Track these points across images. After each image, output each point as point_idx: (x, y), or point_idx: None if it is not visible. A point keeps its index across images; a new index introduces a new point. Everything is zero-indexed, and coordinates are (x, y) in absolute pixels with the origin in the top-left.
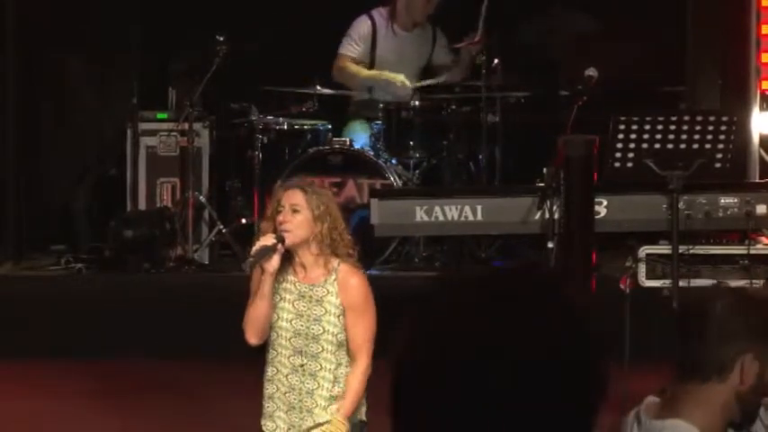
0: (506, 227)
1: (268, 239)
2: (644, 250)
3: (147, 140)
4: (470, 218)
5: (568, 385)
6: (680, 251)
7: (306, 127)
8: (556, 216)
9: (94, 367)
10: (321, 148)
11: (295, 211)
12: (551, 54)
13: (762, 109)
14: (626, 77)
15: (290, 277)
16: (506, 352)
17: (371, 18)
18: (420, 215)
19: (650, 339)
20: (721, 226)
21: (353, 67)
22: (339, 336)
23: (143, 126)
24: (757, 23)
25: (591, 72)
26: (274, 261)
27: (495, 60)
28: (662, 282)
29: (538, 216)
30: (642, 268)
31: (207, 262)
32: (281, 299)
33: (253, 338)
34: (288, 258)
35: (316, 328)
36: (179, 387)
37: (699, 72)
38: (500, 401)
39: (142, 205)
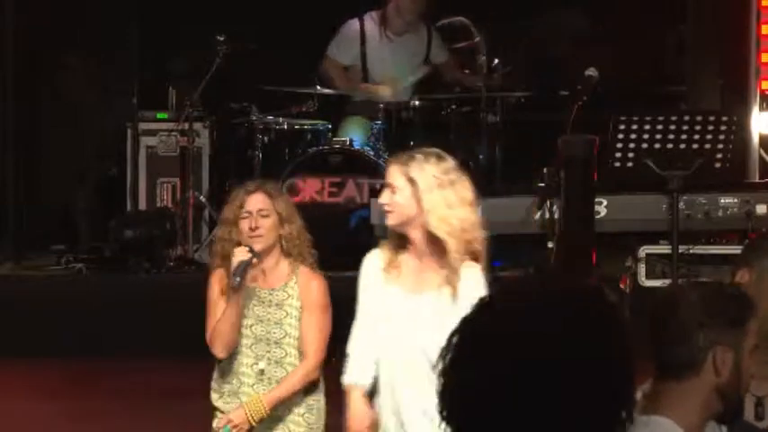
0: (506, 227)
1: (244, 254)
2: (644, 250)
3: (147, 140)
4: None
5: (606, 391)
6: (680, 251)
7: (306, 127)
8: (556, 216)
9: (95, 367)
10: (321, 148)
11: (263, 216)
12: (551, 54)
13: (762, 109)
14: (626, 77)
15: (250, 283)
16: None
17: (361, 21)
18: None
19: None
20: (721, 226)
21: (334, 72)
22: (299, 340)
23: (143, 126)
24: (757, 23)
25: (591, 72)
26: (248, 275)
27: (496, 60)
28: (662, 282)
29: (538, 216)
30: (642, 268)
31: (207, 262)
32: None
33: (222, 352)
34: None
35: (278, 332)
36: (179, 387)
37: (699, 72)
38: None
39: (142, 205)
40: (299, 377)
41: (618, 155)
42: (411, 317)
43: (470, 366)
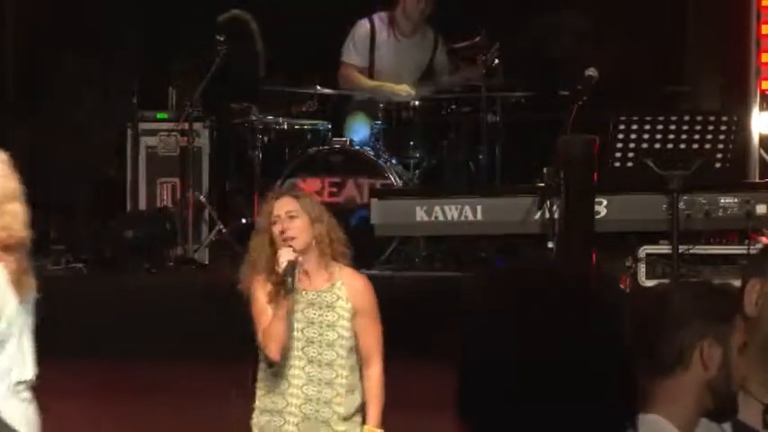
0: (506, 227)
1: (289, 254)
2: (644, 250)
3: (147, 140)
4: (470, 218)
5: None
6: (680, 251)
7: (306, 127)
8: (556, 216)
9: (94, 367)
10: (321, 148)
11: (292, 218)
12: (551, 54)
13: (762, 109)
14: (626, 77)
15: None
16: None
17: (371, 22)
18: (420, 215)
19: None
20: (721, 226)
21: (356, 77)
22: (350, 340)
23: (143, 126)
24: (757, 23)
25: (591, 72)
26: (298, 274)
27: (496, 60)
28: (662, 282)
29: (538, 216)
30: (642, 268)
31: (207, 262)
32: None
33: (278, 354)
34: None
35: (330, 334)
36: (179, 387)
37: (699, 72)
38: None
39: (142, 205)
40: (380, 386)
41: (618, 155)
42: None
43: (475, 362)
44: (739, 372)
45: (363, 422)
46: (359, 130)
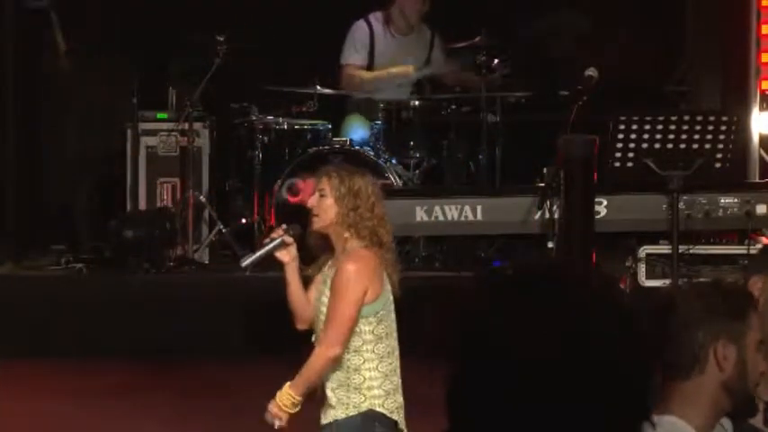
0: (506, 227)
1: (275, 234)
2: (644, 250)
3: (147, 140)
4: (470, 218)
5: (615, 384)
6: (680, 251)
7: (306, 127)
8: (556, 216)
9: (94, 367)
10: (321, 148)
11: (322, 197)
12: (551, 54)
13: (762, 109)
14: (626, 77)
15: (328, 263)
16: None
17: (368, 22)
18: (420, 215)
19: None
20: (721, 226)
21: (359, 74)
22: None
23: (143, 126)
24: (757, 23)
25: (591, 72)
26: (286, 254)
27: (496, 60)
28: (662, 282)
29: (538, 216)
30: (642, 268)
31: (207, 262)
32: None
33: (297, 325)
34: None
35: (319, 307)
36: (179, 387)
37: (699, 72)
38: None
39: (142, 205)
40: (317, 359)
41: (618, 155)
42: None
43: (477, 364)
44: (756, 369)
45: (361, 404)
46: (356, 132)
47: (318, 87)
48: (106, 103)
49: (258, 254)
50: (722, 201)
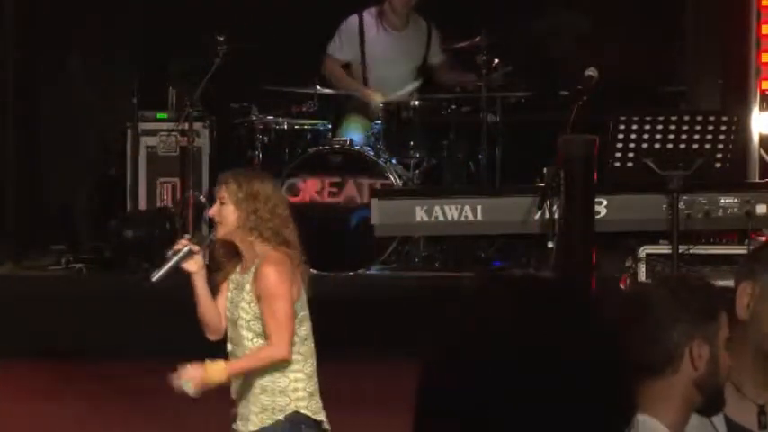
0: (506, 227)
1: (179, 245)
2: (644, 250)
3: (147, 140)
4: (470, 218)
5: (598, 391)
6: (680, 251)
7: (306, 127)
8: (556, 216)
9: (95, 367)
10: (321, 148)
11: (222, 204)
12: (551, 54)
13: (762, 109)
14: (626, 77)
15: (237, 269)
16: (539, 356)
17: (360, 17)
18: (420, 215)
19: None
20: (721, 226)
21: (336, 71)
22: (252, 323)
23: (143, 126)
24: (757, 23)
25: (591, 72)
26: (194, 263)
27: (496, 60)
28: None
29: (538, 216)
30: (642, 268)
31: (207, 262)
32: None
33: (208, 334)
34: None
35: (236, 313)
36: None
37: (699, 72)
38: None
39: (142, 205)
40: (262, 355)
41: (618, 155)
42: None
43: (477, 364)
44: (726, 366)
45: (286, 408)
46: (354, 135)
47: (318, 87)
48: (106, 103)
49: (166, 267)
50: (722, 201)
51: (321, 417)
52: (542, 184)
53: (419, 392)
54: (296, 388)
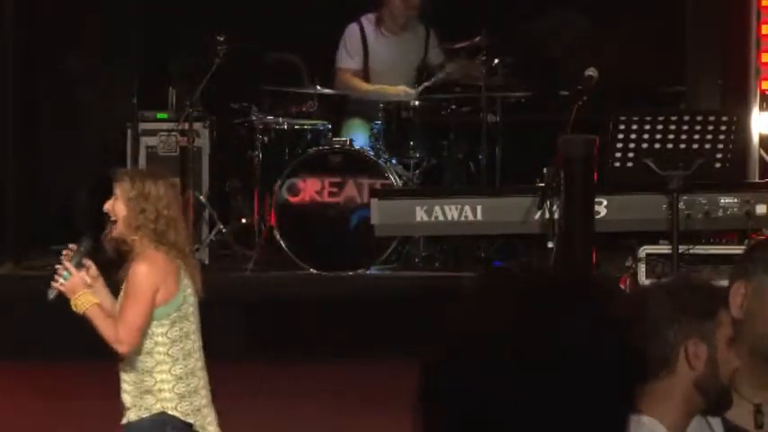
0: (506, 227)
1: (67, 261)
2: (644, 250)
3: (147, 140)
4: (470, 218)
5: (598, 392)
6: (680, 251)
7: (306, 127)
8: (556, 216)
9: (94, 368)
10: (321, 148)
11: (116, 200)
12: (551, 54)
13: (762, 109)
14: (626, 77)
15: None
16: (539, 356)
17: (360, 25)
18: (420, 215)
19: None
20: (721, 226)
21: (355, 82)
22: None
23: (143, 126)
24: (757, 23)
25: (591, 72)
26: (88, 276)
27: (496, 60)
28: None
29: (538, 216)
30: (642, 268)
31: (207, 262)
32: None
33: None
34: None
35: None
36: None
37: (699, 72)
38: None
39: None
40: (107, 330)
41: (618, 155)
42: None
43: (477, 364)
44: (729, 366)
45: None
46: (355, 137)
47: (318, 87)
48: (106, 104)
49: (62, 275)
50: (722, 201)
51: (192, 419)
52: (542, 184)
53: (419, 393)
54: (161, 389)
